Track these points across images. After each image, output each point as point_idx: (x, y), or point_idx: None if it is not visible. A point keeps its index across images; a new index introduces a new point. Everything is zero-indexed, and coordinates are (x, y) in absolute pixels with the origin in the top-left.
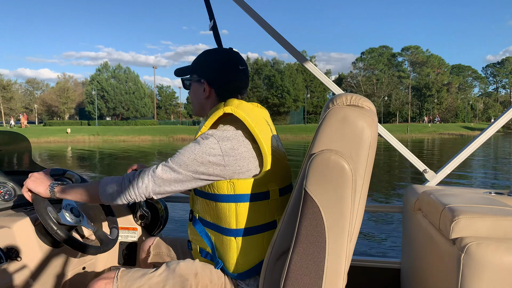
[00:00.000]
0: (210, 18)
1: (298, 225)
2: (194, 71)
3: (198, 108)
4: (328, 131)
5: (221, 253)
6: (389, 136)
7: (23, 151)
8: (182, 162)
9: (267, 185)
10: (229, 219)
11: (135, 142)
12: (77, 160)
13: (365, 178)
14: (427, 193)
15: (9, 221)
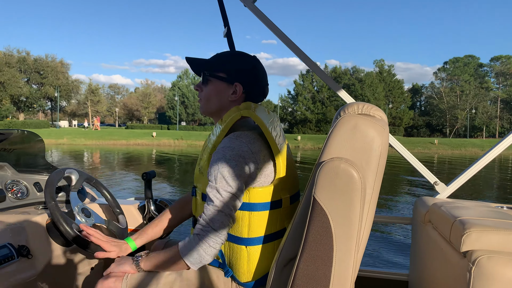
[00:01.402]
0: (224, 25)
1: (306, 232)
2: (223, 69)
3: (217, 107)
4: (338, 139)
5: (231, 262)
6: (399, 147)
7: (37, 151)
8: (227, 176)
9: (280, 193)
10: (241, 227)
11: None
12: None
13: (375, 187)
14: (438, 205)
15: (21, 219)
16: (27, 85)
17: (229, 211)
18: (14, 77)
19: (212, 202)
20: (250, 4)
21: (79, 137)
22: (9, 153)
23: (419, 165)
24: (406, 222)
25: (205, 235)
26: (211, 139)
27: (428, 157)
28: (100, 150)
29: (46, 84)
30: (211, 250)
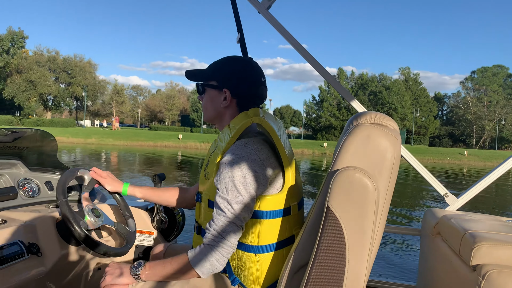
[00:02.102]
0: (238, 30)
1: (318, 240)
2: (213, 77)
3: (213, 115)
4: (352, 148)
5: (239, 270)
6: (410, 158)
7: (49, 150)
8: (239, 184)
9: (289, 201)
10: (251, 235)
11: None
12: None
13: (387, 197)
14: (448, 217)
15: (32, 217)
16: (56, 84)
17: (240, 222)
18: (44, 76)
19: (223, 212)
20: (264, 11)
21: (107, 137)
22: (22, 151)
23: (430, 176)
24: (415, 233)
25: (217, 246)
26: (218, 144)
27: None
28: (131, 151)
29: (74, 84)
30: (224, 259)
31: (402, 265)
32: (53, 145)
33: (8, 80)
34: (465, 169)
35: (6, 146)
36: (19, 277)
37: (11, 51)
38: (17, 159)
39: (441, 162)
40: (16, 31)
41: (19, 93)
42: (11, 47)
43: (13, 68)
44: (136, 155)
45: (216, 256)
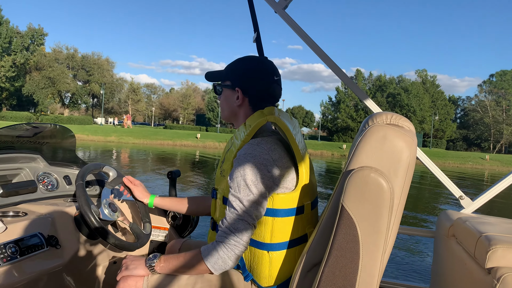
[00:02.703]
0: (254, 30)
1: (332, 239)
2: (227, 77)
3: (229, 114)
4: (367, 148)
5: (252, 266)
6: (426, 160)
7: (68, 145)
8: (250, 183)
9: (302, 200)
10: (264, 233)
11: None
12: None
13: (402, 198)
14: (463, 219)
15: (51, 210)
16: (74, 81)
17: (251, 220)
18: (63, 73)
19: (235, 210)
20: (280, 11)
21: (127, 136)
22: (42, 146)
23: (445, 178)
24: (429, 235)
25: (229, 243)
26: (234, 142)
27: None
28: (153, 150)
29: (92, 81)
30: (236, 257)
31: (415, 266)
32: (72, 140)
33: (27, 77)
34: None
35: (27, 141)
36: (39, 268)
37: (31, 48)
38: (37, 153)
39: (463, 167)
40: (36, 28)
41: (38, 90)
42: (31, 44)
43: (32, 65)
44: (161, 155)
45: (228, 253)
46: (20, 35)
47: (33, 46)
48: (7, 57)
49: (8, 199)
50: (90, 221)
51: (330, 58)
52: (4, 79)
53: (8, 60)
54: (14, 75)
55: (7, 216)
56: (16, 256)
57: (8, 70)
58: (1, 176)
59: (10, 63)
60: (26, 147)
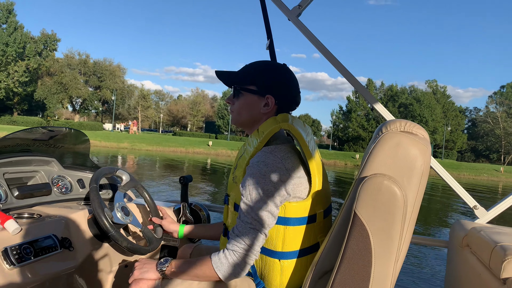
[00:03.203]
0: (268, 37)
1: (344, 246)
2: (253, 81)
3: (248, 120)
4: (381, 155)
5: (263, 274)
6: (439, 169)
7: (82, 149)
8: (262, 192)
9: (314, 208)
10: (276, 241)
11: None
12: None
13: (415, 206)
14: (477, 229)
15: (65, 212)
16: (86, 87)
17: (263, 229)
18: (75, 79)
19: (246, 219)
20: (294, 18)
21: (140, 142)
22: (57, 149)
23: (459, 188)
24: (442, 245)
25: (240, 252)
26: (247, 149)
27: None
28: (169, 157)
29: (103, 87)
30: (246, 266)
31: (428, 276)
32: (86, 144)
33: (39, 82)
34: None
35: (42, 144)
36: (52, 269)
37: (44, 53)
38: (52, 156)
39: (478, 179)
40: (49, 33)
41: (50, 95)
42: (44, 50)
43: (44, 71)
44: (179, 162)
45: (238, 262)
46: (34, 40)
47: (46, 52)
48: (20, 62)
49: (23, 201)
50: (103, 224)
51: (344, 66)
52: (17, 84)
53: (21, 65)
54: (27, 80)
55: (22, 218)
56: (30, 257)
57: (21, 75)
58: (17, 179)
59: (24, 68)
60: (41, 150)
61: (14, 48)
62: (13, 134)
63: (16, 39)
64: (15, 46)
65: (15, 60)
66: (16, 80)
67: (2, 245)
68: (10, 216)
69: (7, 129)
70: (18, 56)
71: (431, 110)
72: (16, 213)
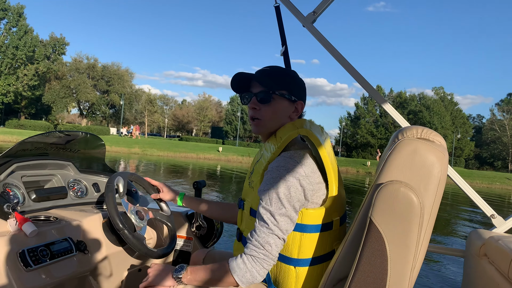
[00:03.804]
0: (282, 43)
1: (360, 254)
2: (284, 87)
3: (274, 126)
4: (397, 162)
5: (278, 280)
6: (456, 176)
7: (98, 154)
8: (283, 197)
9: (331, 216)
10: (292, 248)
11: None
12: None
13: (432, 214)
14: (495, 238)
15: (80, 216)
16: (94, 91)
17: (282, 234)
18: (84, 83)
19: (266, 224)
20: (309, 25)
21: (151, 148)
22: (74, 153)
23: (476, 197)
24: (459, 254)
25: (259, 257)
26: (264, 154)
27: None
28: (182, 163)
29: (112, 92)
30: (264, 271)
31: (444, 285)
32: (102, 149)
33: (47, 86)
34: None
35: (59, 148)
36: (67, 272)
37: (52, 57)
38: (69, 160)
39: (492, 187)
40: (58, 37)
41: (58, 99)
42: (53, 53)
43: (52, 74)
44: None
45: (256, 267)
46: (43, 44)
47: (55, 55)
48: (30, 66)
49: (40, 204)
50: (118, 227)
51: (360, 73)
52: (26, 88)
53: (31, 69)
54: (36, 84)
55: (39, 221)
56: (46, 260)
57: (30, 78)
58: (34, 182)
59: (33, 72)
60: (58, 154)
61: (24, 52)
62: (31, 138)
63: (26, 42)
64: (25, 49)
65: (24, 63)
66: (26, 83)
67: (20, 247)
68: (27, 218)
69: (16, 133)
70: (28, 60)
71: (441, 117)
72: (33, 216)
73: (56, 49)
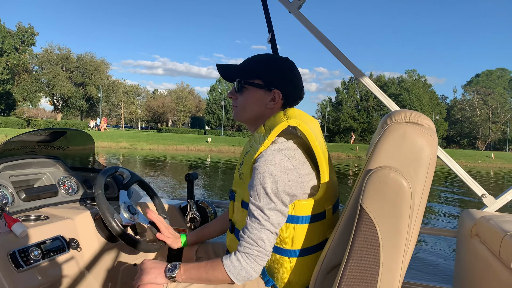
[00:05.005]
0: (269, 30)
1: (352, 241)
2: (258, 75)
3: (254, 116)
4: (386, 147)
5: (272, 272)
6: (447, 158)
7: (88, 150)
8: (270, 192)
9: (323, 205)
10: (285, 239)
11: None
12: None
13: (423, 197)
14: (486, 218)
15: (72, 213)
16: (70, 84)
17: (274, 228)
18: (59, 75)
19: (257, 220)
20: (295, 11)
21: (139, 141)
22: (63, 150)
23: (467, 177)
24: (451, 234)
25: (253, 254)
26: (253, 145)
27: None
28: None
29: (88, 84)
30: (259, 267)
31: (436, 266)
32: (91, 145)
33: (16, 79)
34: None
35: (47, 146)
36: (60, 270)
37: (21, 48)
38: (58, 158)
39: (478, 166)
40: (26, 27)
41: (31, 93)
42: (21, 45)
43: (21, 67)
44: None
45: (251, 264)
46: (11, 34)
47: (24, 47)
48: (0, 59)
49: (30, 203)
50: (115, 230)
51: (348, 58)
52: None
53: (1, 62)
54: (8, 78)
55: (29, 220)
56: (39, 259)
57: (1, 72)
58: (23, 181)
59: (4, 65)
60: (46, 152)
61: None
62: (18, 137)
63: None
64: None
65: None
66: None
67: (10, 248)
68: (17, 219)
69: None
70: None
71: (420, 100)
72: (23, 216)
73: (25, 40)
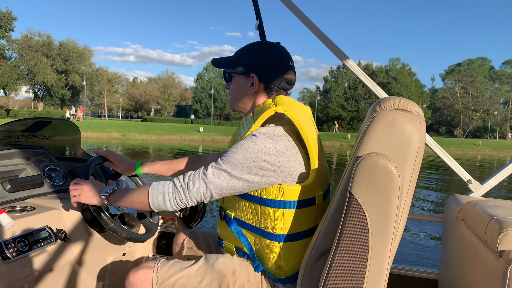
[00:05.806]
0: (256, 17)
1: (341, 227)
2: (239, 63)
3: (240, 102)
4: (375, 134)
5: (262, 257)
6: (434, 144)
7: (73, 140)
8: (236, 162)
9: (314, 191)
10: (274, 224)
11: None
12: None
13: (411, 183)
14: (472, 203)
15: (59, 204)
16: (53, 72)
17: (213, 188)
18: (41, 63)
19: (207, 172)
20: None
21: (130, 131)
22: (48, 140)
23: (453, 163)
24: (438, 220)
25: (177, 187)
26: (241, 132)
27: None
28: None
29: (71, 72)
30: (174, 203)
31: (424, 251)
32: (77, 135)
33: None
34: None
35: (32, 135)
36: (48, 261)
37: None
38: (43, 148)
39: (466, 153)
40: (3, 11)
41: (11, 82)
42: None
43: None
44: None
45: (170, 197)
46: None
47: (1, 32)
48: None
49: (15, 194)
50: (101, 219)
51: (335, 44)
52: None
53: None
54: None
55: (15, 211)
56: (26, 250)
57: None
58: (8, 172)
59: None
60: (31, 142)
61: None
62: (1, 126)
63: None
64: None
65: None
66: None
67: None
68: (2, 210)
69: None
70: None
71: (407, 88)
72: (8, 207)
73: (2, 25)
